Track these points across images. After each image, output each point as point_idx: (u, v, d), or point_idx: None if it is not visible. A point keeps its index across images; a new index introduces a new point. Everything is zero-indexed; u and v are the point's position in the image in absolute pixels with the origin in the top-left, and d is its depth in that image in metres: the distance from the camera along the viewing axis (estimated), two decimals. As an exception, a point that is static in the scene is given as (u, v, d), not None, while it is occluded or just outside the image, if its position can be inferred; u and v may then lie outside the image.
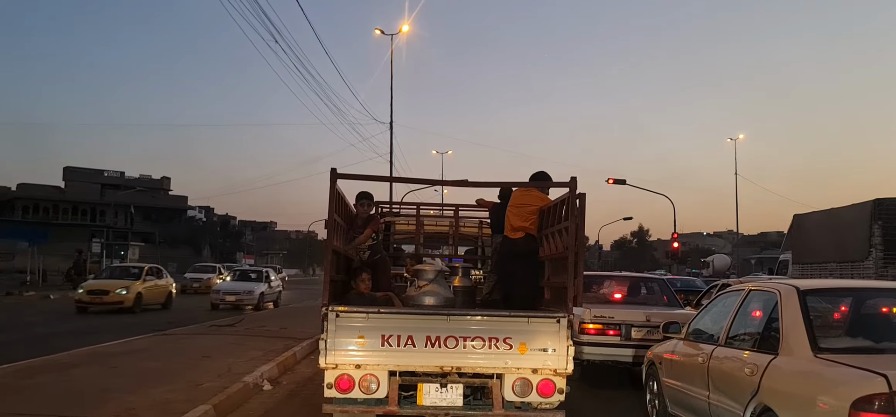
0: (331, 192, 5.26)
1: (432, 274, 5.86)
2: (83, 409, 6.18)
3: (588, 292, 10.10)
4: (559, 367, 4.79)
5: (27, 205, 63.98)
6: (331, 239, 5.31)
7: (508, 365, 4.81)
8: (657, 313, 8.62)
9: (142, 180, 74.47)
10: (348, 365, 4.80)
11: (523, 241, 6.13)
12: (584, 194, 5.14)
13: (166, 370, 8.35)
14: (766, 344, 4.62)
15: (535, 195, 6.22)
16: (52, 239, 35.53)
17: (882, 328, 4.80)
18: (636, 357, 8.17)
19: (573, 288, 4.96)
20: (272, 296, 23.57)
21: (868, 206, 14.80)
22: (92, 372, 8.13)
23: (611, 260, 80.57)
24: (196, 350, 10.38)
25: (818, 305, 4.80)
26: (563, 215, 5.43)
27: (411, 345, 4.80)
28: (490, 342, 4.79)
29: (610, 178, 31.04)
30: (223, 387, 7.23)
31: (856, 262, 14.88)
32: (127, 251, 44.30)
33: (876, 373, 3.57)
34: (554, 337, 4.80)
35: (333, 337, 4.79)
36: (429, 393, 4.85)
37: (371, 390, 4.80)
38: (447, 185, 18.26)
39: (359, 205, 6.78)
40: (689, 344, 5.89)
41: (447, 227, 9.57)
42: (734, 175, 47.50)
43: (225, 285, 23.39)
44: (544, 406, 4.85)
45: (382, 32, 28.30)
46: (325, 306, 4.85)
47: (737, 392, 4.67)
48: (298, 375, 9.23)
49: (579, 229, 5.11)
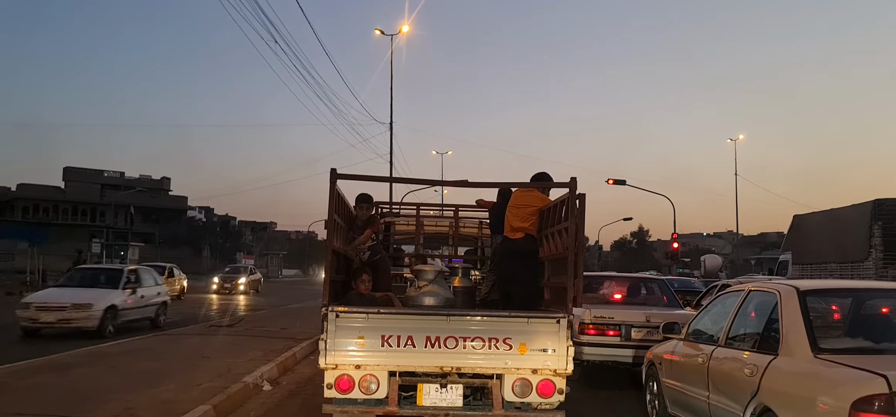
0: (331, 193, 5.25)
1: (432, 275, 5.88)
2: (83, 409, 6.18)
3: (588, 292, 10.12)
4: (559, 367, 4.80)
5: (27, 205, 63.94)
6: (330, 240, 5.30)
7: (508, 366, 4.81)
8: (657, 313, 8.63)
9: (142, 180, 74.41)
10: (348, 366, 4.80)
11: (523, 242, 6.14)
12: (584, 194, 5.14)
13: (166, 370, 8.35)
14: (766, 345, 4.63)
15: (535, 195, 6.23)
16: (52, 240, 35.56)
17: (882, 328, 4.81)
18: (636, 357, 8.17)
19: (573, 289, 4.96)
20: (144, 311, 14.87)
21: (868, 207, 14.80)
22: (92, 372, 8.14)
23: (611, 260, 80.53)
24: (196, 350, 10.39)
25: (818, 305, 4.81)
26: (563, 215, 5.43)
27: (411, 346, 4.80)
28: (490, 342, 4.80)
29: (610, 179, 31.04)
30: (223, 387, 7.23)
31: (856, 263, 14.88)
32: (127, 251, 44.24)
33: (876, 374, 3.57)
34: (554, 338, 4.80)
35: (333, 338, 4.79)
36: (429, 394, 4.85)
37: (371, 390, 4.79)
38: (447, 186, 18.27)
39: (358, 208, 6.78)
40: (689, 345, 5.89)
41: (447, 228, 9.57)
42: (734, 175, 47.45)
43: (44, 294, 14.60)
44: (544, 406, 4.85)
45: (382, 33, 28.28)
46: (325, 306, 4.85)
47: (737, 393, 4.67)
48: (298, 375, 9.23)
49: (579, 229, 5.12)
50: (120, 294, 14.00)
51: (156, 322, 15.22)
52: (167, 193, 78.84)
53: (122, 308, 13.83)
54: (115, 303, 13.57)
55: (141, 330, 13.77)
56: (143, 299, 14.84)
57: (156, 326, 14.99)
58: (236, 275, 33.93)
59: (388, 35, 28.00)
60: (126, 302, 14.08)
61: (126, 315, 14.07)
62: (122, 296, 14.01)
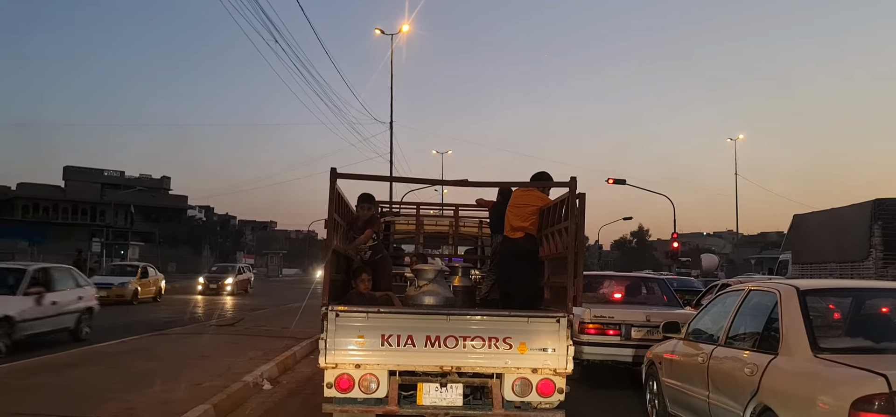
0: (331, 192, 5.24)
1: (432, 274, 5.87)
2: (83, 409, 6.18)
3: (588, 292, 10.12)
4: (559, 367, 4.79)
5: (27, 204, 63.93)
6: (331, 239, 5.29)
7: (508, 365, 4.81)
8: (657, 313, 8.62)
9: (142, 180, 74.41)
10: (348, 365, 4.79)
11: (523, 241, 6.13)
12: (584, 194, 5.14)
13: (166, 370, 8.35)
14: (766, 344, 4.62)
15: (535, 195, 6.22)
16: (52, 239, 35.60)
17: (882, 328, 4.81)
18: (636, 357, 8.17)
19: (573, 288, 4.96)
20: (59, 321, 11.81)
21: (868, 206, 14.76)
22: (91, 372, 8.14)
23: (611, 259, 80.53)
24: (195, 349, 10.39)
25: (818, 305, 4.81)
26: (563, 215, 5.43)
27: (411, 345, 4.79)
28: (490, 341, 4.79)
29: (610, 178, 30.98)
30: (223, 387, 7.23)
31: (855, 262, 14.85)
32: (127, 250, 44.27)
33: (876, 373, 3.57)
34: (554, 337, 4.80)
35: (333, 337, 4.78)
36: (429, 393, 4.84)
37: (371, 389, 4.79)
38: (447, 185, 18.22)
39: (360, 207, 6.76)
40: (689, 344, 5.89)
41: (447, 227, 9.57)
42: (734, 175, 47.53)
43: None
44: (544, 405, 4.85)
45: (382, 32, 28.31)
46: (325, 306, 4.84)
47: (737, 392, 4.67)
48: (298, 375, 9.23)
49: (579, 229, 5.11)
50: (20, 301, 10.80)
51: (76, 333, 12.19)
52: (167, 193, 78.86)
53: (21, 319, 10.62)
54: (9, 314, 10.40)
55: (55, 345, 10.87)
56: (56, 306, 11.61)
57: (77, 339, 11.99)
58: (223, 275, 31.42)
59: (388, 34, 28.06)
60: (28, 311, 10.84)
61: (29, 327, 10.87)
62: (23, 304, 10.80)
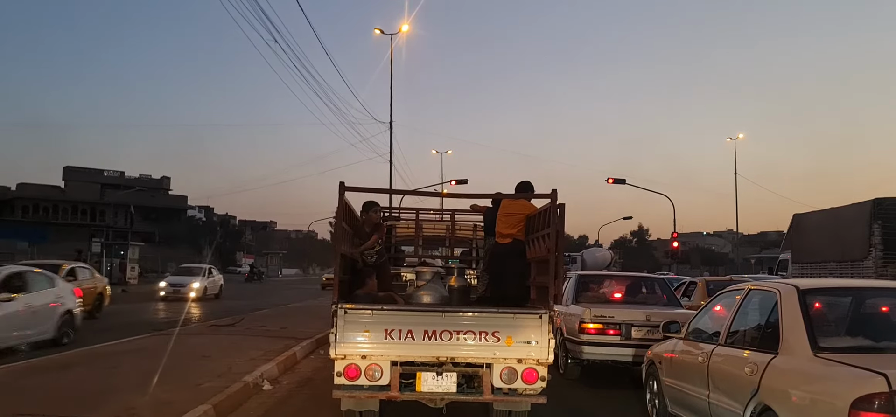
0: (339, 204, 5.65)
1: (430, 275, 6.56)
2: (83, 409, 6.18)
3: (588, 292, 10.13)
4: (541, 358, 5.23)
5: (27, 204, 63.86)
6: (339, 246, 5.85)
7: (496, 356, 5.25)
8: (657, 312, 8.62)
9: (142, 180, 74.42)
10: (355, 356, 5.25)
11: (510, 246, 6.59)
12: (564, 204, 5.57)
13: (166, 370, 8.33)
14: (766, 344, 4.63)
15: (521, 204, 6.67)
16: (51, 239, 35.67)
17: (882, 327, 4.81)
18: (636, 356, 8.17)
19: (554, 288, 5.42)
20: (33, 328, 10.64)
21: (867, 206, 14.78)
22: (92, 372, 8.14)
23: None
24: (196, 350, 10.38)
25: (818, 304, 4.80)
26: (546, 222, 5.83)
27: (411, 338, 5.25)
28: (480, 335, 5.25)
29: (610, 178, 31.03)
30: (223, 387, 7.23)
31: (855, 262, 14.87)
32: (127, 251, 44.25)
33: (876, 373, 3.57)
34: (537, 331, 5.25)
35: (342, 331, 5.23)
36: (426, 381, 5.32)
37: (375, 378, 5.25)
38: (445, 198, 18.36)
39: (366, 214, 7.21)
40: (689, 344, 5.90)
41: (444, 230, 9.88)
42: (734, 175, 47.48)
43: None
44: (528, 392, 5.31)
45: (382, 32, 28.31)
46: (335, 303, 5.29)
47: (737, 392, 4.68)
48: (298, 374, 9.22)
49: (560, 235, 5.54)
50: None
51: (57, 341, 11.12)
52: (167, 193, 78.88)
53: None
54: None
55: (28, 355, 9.62)
56: (29, 309, 10.60)
57: (56, 345, 10.90)
58: (188, 278, 26.47)
59: (388, 34, 28.07)
60: None
61: None
62: None
